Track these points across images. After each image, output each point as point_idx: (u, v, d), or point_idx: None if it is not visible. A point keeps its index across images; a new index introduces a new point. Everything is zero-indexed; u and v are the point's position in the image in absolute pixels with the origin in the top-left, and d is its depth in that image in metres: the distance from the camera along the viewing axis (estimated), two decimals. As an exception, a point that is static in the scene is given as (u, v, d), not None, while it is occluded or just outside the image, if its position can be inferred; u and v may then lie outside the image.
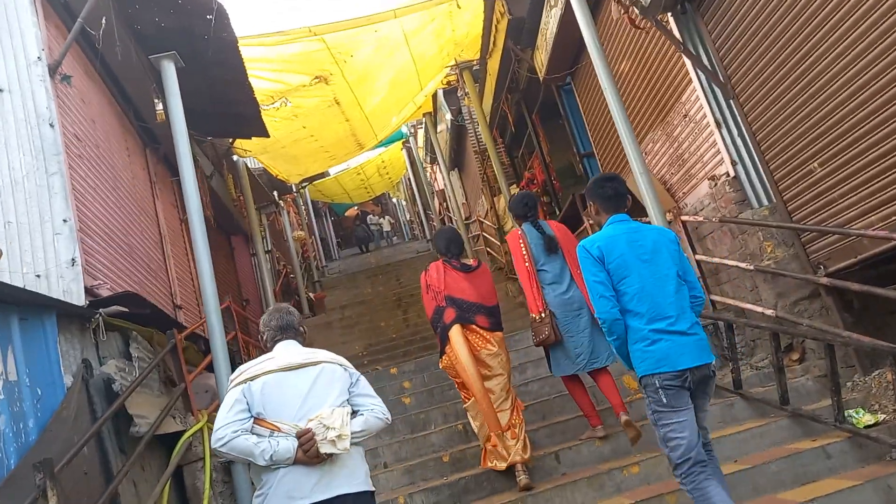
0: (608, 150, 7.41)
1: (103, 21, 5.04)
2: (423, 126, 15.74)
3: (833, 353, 3.64)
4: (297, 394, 2.59)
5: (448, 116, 12.87)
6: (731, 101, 4.90)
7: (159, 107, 6.63)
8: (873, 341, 3.76)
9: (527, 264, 4.22)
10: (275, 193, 12.73)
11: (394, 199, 32.63)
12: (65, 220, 4.44)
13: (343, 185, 21.29)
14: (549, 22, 7.12)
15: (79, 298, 4.27)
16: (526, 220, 4.41)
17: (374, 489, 2.66)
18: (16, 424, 3.35)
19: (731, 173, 4.97)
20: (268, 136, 8.40)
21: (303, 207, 20.12)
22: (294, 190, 17.05)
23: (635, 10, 5.01)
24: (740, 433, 3.94)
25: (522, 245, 4.26)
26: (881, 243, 3.78)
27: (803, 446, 3.69)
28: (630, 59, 6.21)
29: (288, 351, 2.76)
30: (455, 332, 4.16)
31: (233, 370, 3.16)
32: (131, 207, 6.31)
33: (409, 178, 24.64)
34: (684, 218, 5.37)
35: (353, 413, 2.65)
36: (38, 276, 4.22)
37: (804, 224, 4.35)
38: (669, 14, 5.21)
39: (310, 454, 2.46)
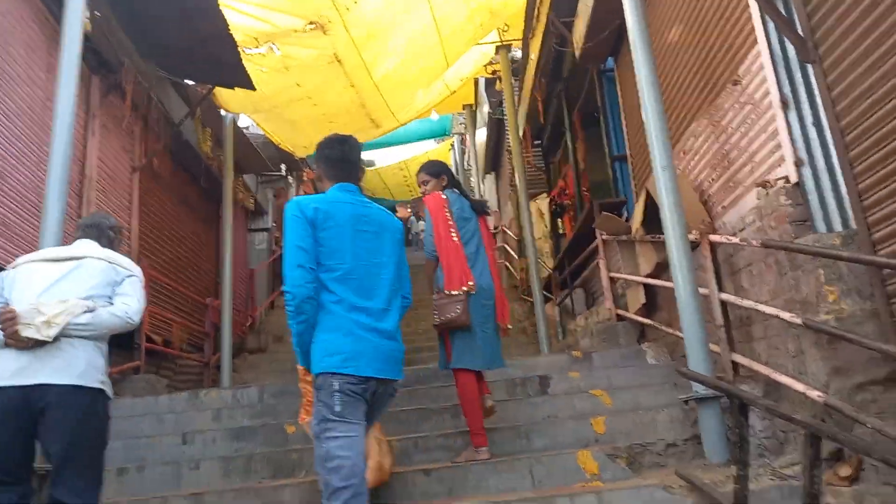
0: (642, 151, 5.79)
1: None
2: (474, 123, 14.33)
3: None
4: (41, 282, 2.51)
5: (486, 108, 11.42)
6: (810, 69, 3.26)
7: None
8: None
9: (453, 233, 3.63)
10: (283, 166, 11.59)
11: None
12: None
13: (384, 179, 20.16)
14: (591, -22, 5.61)
15: None
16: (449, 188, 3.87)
17: (97, 386, 2.44)
18: None
19: (793, 178, 3.30)
20: (252, 87, 7.16)
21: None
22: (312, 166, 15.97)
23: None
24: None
25: (447, 211, 3.70)
26: None
27: None
28: (681, 22, 4.63)
29: (72, 246, 2.71)
30: None
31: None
32: (21, 131, 5.16)
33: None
34: (713, 238, 3.73)
35: None
36: None
37: (899, 262, 2.65)
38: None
39: (8, 334, 2.37)
